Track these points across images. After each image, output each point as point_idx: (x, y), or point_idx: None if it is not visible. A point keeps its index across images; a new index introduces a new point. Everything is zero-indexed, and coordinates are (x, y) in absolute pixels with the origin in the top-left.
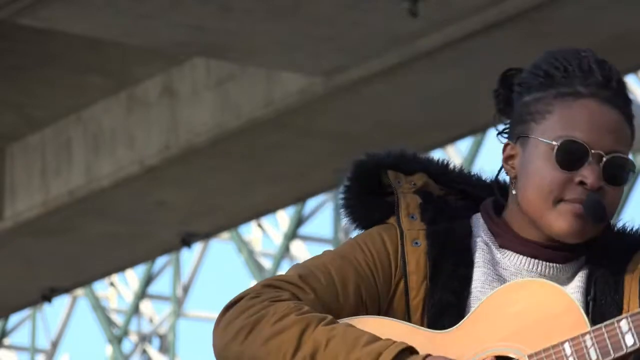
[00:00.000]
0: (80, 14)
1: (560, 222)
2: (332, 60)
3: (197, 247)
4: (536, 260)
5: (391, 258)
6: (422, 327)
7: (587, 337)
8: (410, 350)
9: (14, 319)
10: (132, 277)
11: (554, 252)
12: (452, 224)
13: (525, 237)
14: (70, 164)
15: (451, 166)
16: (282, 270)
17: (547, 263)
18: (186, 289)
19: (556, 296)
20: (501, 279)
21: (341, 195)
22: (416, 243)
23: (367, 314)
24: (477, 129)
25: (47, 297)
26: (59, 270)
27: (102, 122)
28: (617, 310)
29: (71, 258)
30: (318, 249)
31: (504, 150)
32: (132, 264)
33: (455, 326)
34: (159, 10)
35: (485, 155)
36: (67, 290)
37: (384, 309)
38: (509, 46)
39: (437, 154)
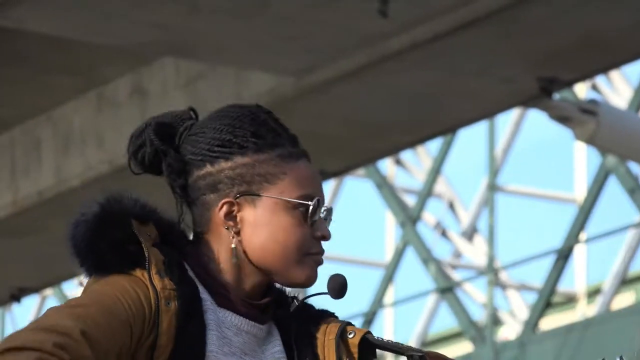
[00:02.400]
0: (48, 14)
1: (306, 272)
2: (301, 60)
3: None
4: (251, 322)
5: (146, 315)
6: None
7: None
8: None
9: None
10: None
11: (258, 313)
12: (190, 281)
13: (237, 293)
14: (39, 163)
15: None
16: None
17: (256, 324)
18: None
19: None
20: (227, 342)
21: (82, 239)
22: (168, 303)
23: None
24: (447, 130)
25: (16, 297)
26: (28, 270)
27: (71, 121)
28: None
29: (40, 258)
30: None
31: (219, 208)
32: None
33: None
34: (126, 9)
35: (455, 156)
36: (36, 290)
37: None
38: (478, 47)
39: (406, 154)
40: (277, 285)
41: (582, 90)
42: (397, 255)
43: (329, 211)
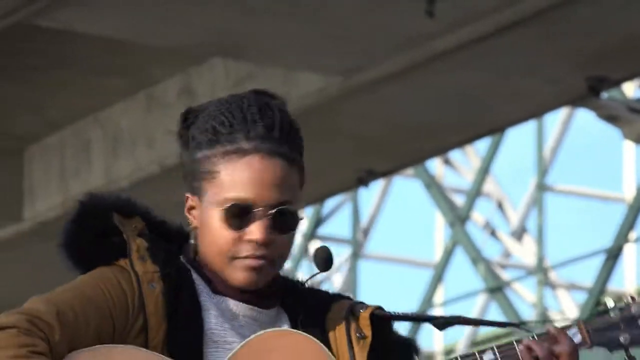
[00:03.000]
0: (97, 15)
1: (237, 275)
2: (349, 60)
3: None
4: (248, 306)
5: (128, 299)
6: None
7: None
8: None
9: None
10: None
11: (258, 298)
12: (179, 264)
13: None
14: (89, 165)
15: (164, 220)
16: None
17: (257, 307)
18: None
19: (316, 350)
20: (227, 322)
21: (67, 235)
22: (152, 285)
23: None
24: (495, 130)
25: None
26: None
27: (121, 122)
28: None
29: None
30: (337, 250)
31: (186, 200)
32: None
33: None
34: (177, 10)
35: (503, 155)
36: None
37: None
38: (524, 47)
39: (455, 154)
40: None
41: (630, 89)
42: (446, 255)
43: (281, 212)
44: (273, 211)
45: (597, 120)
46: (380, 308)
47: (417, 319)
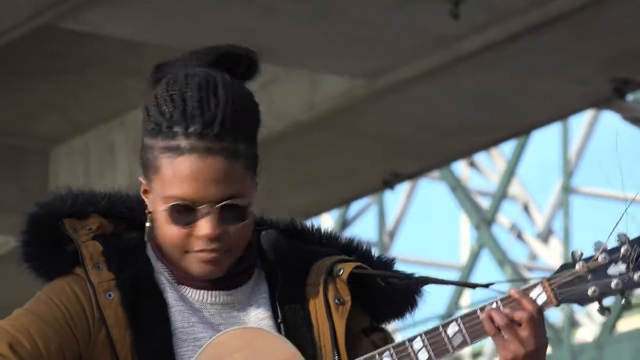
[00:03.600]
0: (122, 18)
1: (193, 267)
2: (375, 62)
3: None
4: (215, 292)
5: (87, 311)
6: None
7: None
8: None
9: None
10: None
11: (224, 280)
12: (136, 264)
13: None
14: (113, 167)
15: (119, 196)
16: None
17: (224, 292)
18: None
19: (279, 344)
20: (194, 315)
21: (20, 250)
22: (109, 295)
23: None
24: (521, 131)
25: None
26: None
27: None
28: (307, 328)
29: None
30: None
31: (139, 182)
32: None
33: None
34: (201, 12)
35: (529, 158)
36: None
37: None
38: (552, 47)
39: (480, 157)
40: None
41: None
42: (472, 258)
43: (228, 206)
44: (218, 207)
45: (623, 122)
46: (360, 266)
47: (392, 276)
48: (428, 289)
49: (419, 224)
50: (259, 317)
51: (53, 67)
